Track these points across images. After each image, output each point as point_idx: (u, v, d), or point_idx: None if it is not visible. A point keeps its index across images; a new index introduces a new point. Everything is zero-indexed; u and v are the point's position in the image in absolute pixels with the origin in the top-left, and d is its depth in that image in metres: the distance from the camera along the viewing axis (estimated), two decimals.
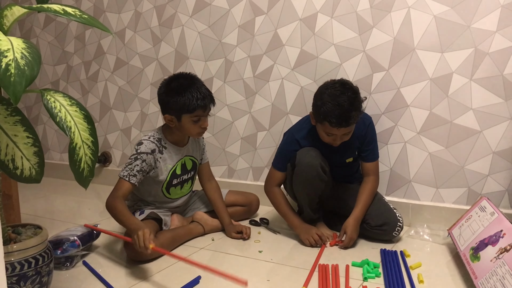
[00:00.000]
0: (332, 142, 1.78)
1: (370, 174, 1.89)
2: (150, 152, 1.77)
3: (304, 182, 1.81)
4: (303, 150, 1.82)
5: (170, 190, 1.88)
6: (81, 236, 1.72)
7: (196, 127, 1.78)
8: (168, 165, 1.83)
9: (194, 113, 1.75)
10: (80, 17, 1.13)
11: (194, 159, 1.95)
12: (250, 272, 1.60)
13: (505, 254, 1.31)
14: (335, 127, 1.70)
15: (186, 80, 1.78)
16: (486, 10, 1.81)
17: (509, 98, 1.81)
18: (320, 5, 2.12)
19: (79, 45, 2.91)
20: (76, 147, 1.16)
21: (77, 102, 1.19)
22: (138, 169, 1.74)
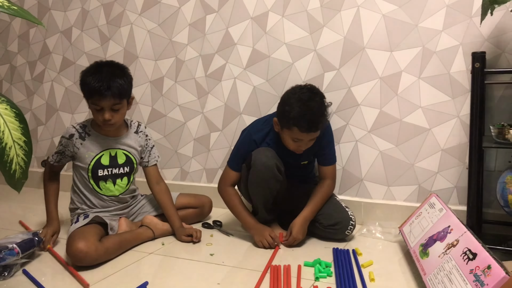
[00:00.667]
0: (296, 149, 1.76)
1: (326, 178, 1.88)
2: (67, 137, 1.81)
3: (260, 182, 1.78)
4: (259, 150, 1.79)
5: (100, 184, 1.82)
6: (21, 243, 1.62)
7: (98, 116, 1.74)
8: (90, 153, 1.81)
9: (91, 99, 1.72)
10: (8, 8, 1.05)
11: (130, 155, 1.87)
12: (200, 275, 1.55)
13: (452, 249, 1.32)
14: (305, 132, 1.68)
15: (108, 67, 1.74)
16: (432, 10, 1.84)
17: (456, 96, 1.85)
18: (271, 3, 2.10)
19: (23, 44, 2.79)
20: (6, 147, 1.08)
21: (8, 99, 1.12)
22: (57, 150, 1.84)
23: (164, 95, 2.40)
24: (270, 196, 1.82)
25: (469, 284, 1.15)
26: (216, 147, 2.32)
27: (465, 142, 1.84)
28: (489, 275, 1.10)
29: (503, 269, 1.08)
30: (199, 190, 2.29)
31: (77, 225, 1.70)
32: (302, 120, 1.66)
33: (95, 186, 1.82)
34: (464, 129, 1.84)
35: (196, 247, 1.81)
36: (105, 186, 1.83)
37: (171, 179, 2.45)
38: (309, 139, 1.73)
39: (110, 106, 1.72)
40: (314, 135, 1.72)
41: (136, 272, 1.58)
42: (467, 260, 1.22)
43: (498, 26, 1.75)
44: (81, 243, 1.57)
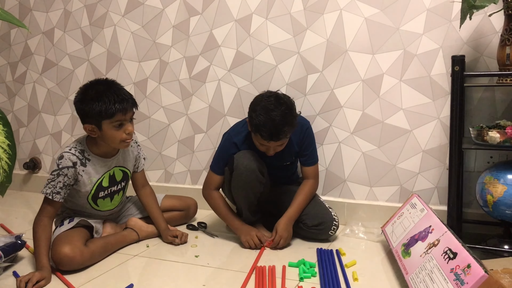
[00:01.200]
0: (266, 152, 1.78)
1: (309, 178, 1.90)
2: (71, 166, 1.66)
3: (243, 185, 1.79)
4: (240, 153, 1.80)
5: (97, 202, 1.79)
6: (4, 247, 1.61)
7: (119, 133, 1.65)
8: (92, 178, 1.72)
9: (114, 118, 1.62)
10: None
11: (125, 170, 1.85)
12: (185, 277, 1.56)
13: (433, 248, 1.35)
14: (266, 140, 1.70)
15: (102, 86, 1.66)
16: (413, 13, 1.87)
17: (437, 98, 1.88)
18: (254, 6, 2.12)
19: (4, 45, 2.75)
20: None
21: None
22: (61, 185, 1.64)
23: (148, 97, 2.40)
24: (254, 198, 1.83)
25: (449, 283, 1.17)
26: (201, 149, 2.33)
27: (445, 144, 1.88)
28: (469, 274, 1.13)
29: (483, 268, 1.11)
30: (183, 191, 2.29)
31: (62, 229, 1.69)
32: (264, 129, 1.67)
33: (93, 204, 1.78)
34: (444, 131, 1.88)
35: (181, 249, 1.81)
36: (103, 202, 1.81)
37: (155, 180, 2.44)
38: (274, 145, 1.74)
39: (130, 117, 1.69)
40: (278, 142, 1.72)
41: (121, 274, 1.58)
42: (448, 259, 1.24)
43: (477, 30, 1.79)
44: (66, 248, 1.57)
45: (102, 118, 1.62)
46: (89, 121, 1.65)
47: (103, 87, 1.65)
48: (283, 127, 1.68)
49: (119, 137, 1.66)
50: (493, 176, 1.60)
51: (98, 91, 1.63)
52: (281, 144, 1.75)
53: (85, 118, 1.66)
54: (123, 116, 1.65)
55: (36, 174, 2.75)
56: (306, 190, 1.87)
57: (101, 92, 1.62)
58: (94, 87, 1.65)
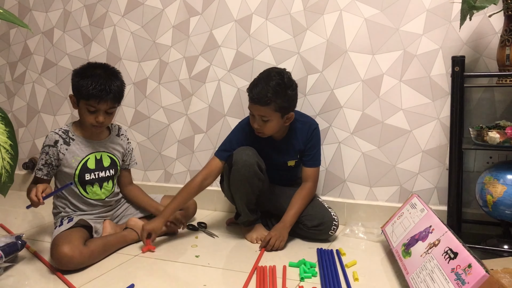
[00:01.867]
0: (254, 126, 1.80)
1: (308, 180, 1.90)
2: (52, 145, 1.75)
3: (241, 181, 1.79)
4: (240, 149, 1.81)
5: (86, 188, 1.81)
6: (4, 247, 1.61)
7: (90, 118, 1.74)
8: (76, 157, 1.78)
9: (88, 102, 1.71)
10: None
11: (114, 158, 1.89)
12: (186, 277, 1.56)
13: (434, 248, 1.35)
14: (250, 101, 1.75)
15: (102, 70, 1.75)
16: (413, 14, 1.88)
17: (436, 99, 1.89)
18: (254, 6, 2.12)
19: (4, 45, 2.75)
20: None
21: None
22: (43, 162, 1.76)
23: (148, 97, 2.40)
24: (253, 195, 1.83)
25: (450, 282, 1.18)
26: (200, 149, 2.33)
27: (445, 144, 1.88)
28: (470, 274, 1.13)
29: (483, 268, 1.11)
30: None
31: (61, 228, 1.69)
32: (252, 90, 1.74)
33: (82, 190, 1.80)
34: (444, 131, 1.88)
35: (181, 249, 1.81)
36: (92, 190, 1.82)
37: (155, 181, 2.44)
38: (258, 113, 1.75)
39: (106, 109, 1.74)
40: (260, 109, 1.74)
41: (121, 274, 1.58)
42: (448, 259, 1.25)
43: (477, 30, 1.80)
44: (66, 247, 1.57)
45: (79, 95, 1.73)
46: (74, 93, 1.77)
47: (101, 71, 1.74)
48: (270, 92, 1.71)
49: (88, 120, 1.75)
50: (492, 176, 1.60)
51: (94, 72, 1.73)
52: (264, 115, 1.75)
53: (73, 88, 1.77)
54: (96, 104, 1.71)
55: None
56: (303, 194, 1.87)
57: (94, 74, 1.71)
58: (95, 67, 1.76)
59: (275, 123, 1.78)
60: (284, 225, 1.80)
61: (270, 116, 1.76)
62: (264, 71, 1.80)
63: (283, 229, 1.79)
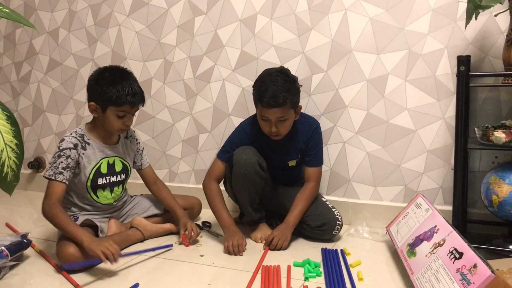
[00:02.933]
0: (269, 132, 1.78)
1: (310, 180, 1.89)
2: (73, 147, 1.71)
3: (243, 180, 1.79)
4: (239, 149, 1.81)
5: (97, 192, 1.80)
6: (10, 246, 1.61)
7: (119, 123, 1.73)
8: (91, 162, 1.77)
9: (121, 108, 1.70)
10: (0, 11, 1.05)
11: (125, 162, 1.88)
12: (191, 277, 1.56)
13: (439, 248, 1.35)
14: (265, 106, 1.72)
15: (120, 73, 1.74)
16: (418, 13, 1.87)
17: (441, 98, 1.88)
18: (259, 6, 2.12)
19: (9, 45, 2.76)
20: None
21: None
22: (63, 166, 1.68)
23: (153, 97, 2.40)
24: (255, 193, 1.83)
25: (456, 282, 1.17)
26: (205, 149, 2.33)
27: (450, 144, 1.88)
28: (475, 274, 1.13)
29: (489, 268, 1.11)
30: (187, 191, 2.29)
31: None
32: (264, 94, 1.71)
33: (92, 195, 1.80)
34: (449, 131, 1.88)
35: (186, 249, 1.81)
36: (103, 194, 1.82)
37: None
38: (275, 117, 1.74)
39: (134, 112, 1.76)
40: (277, 111, 1.73)
41: (126, 274, 1.58)
42: (454, 259, 1.24)
43: (482, 30, 1.79)
44: (71, 247, 1.57)
45: (110, 103, 1.70)
46: (97, 101, 1.72)
47: (120, 75, 1.73)
48: (282, 92, 1.71)
49: (117, 126, 1.74)
50: (498, 176, 1.60)
51: (114, 76, 1.71)
52: (282, 116, 1.75)
53: (94, 97, 1.73)
54: (129, 109, 1.73)
55: (40, 174, 2.76)
56: (306, 194, 1.86)
57: (117, 79, 1.70)
58: (112, 71, 1.75)
59: (291, 121, 1.80)
60: (287, 225, 1.80)
61: (287, 114, 1.76)
62: (264, 75, 1.79)
63: (286, 229, 1.79)
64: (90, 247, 1.52)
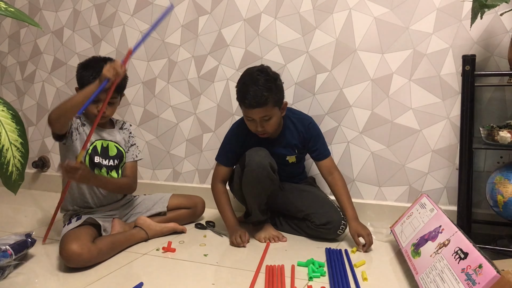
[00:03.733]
0: (256, 131, 1.79)
1: (331, 172, 1.89)
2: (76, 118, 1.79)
3: (254, 182, 1.78)
4: (252, 151, 1.80)
5: (95, 171, 1.81)
6: (14, 245, 1.61)
7: (92, 107, 1.75)
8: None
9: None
10: (5, 10, 1.06)
11: (120, 148, 1.92)
12: (195, 276, 1.56)
13: (444, 248, 1.34)
14: (248, 107, 1.73)
15: (102, 62, 1.74)
16: (423, 13, 1.87)
17: (446, 98, 1.87)
18: (263, 5, 2.12)
19: (14, 44, 2.77)
20: (3, 149, 1.08)
21: (4, 101, 1.12)
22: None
23: (157, 96, 2.41)
24: (264, 196, 1.83)
25: (461, 283, 1.17)
26: (209, 148, 2.33)
27: (454, 143, 1.87)
28: (481, 274, 1.12)
29: (494, 268, 1.10)
30: (191, 190, 2.30)
31: (69, 226, 1.70)
32: (247, 95, 1.72)
33: None
34: (454, 131, 1.87)
35: (190, 248, 1.81)
36: (100, 173, 1.83)
37: (163, 179, 2.45)
38: (259, 116, 1.75)
39: (109, 100, 1.74)
40: (260, 111, 1.73)
41: (130, 273, 1.58)
42: (459, 259, 1.24)
43: (487, 29, 1.78)
44: (74, 245, 1.57)
45: (82, 85, 1.74)
46: (79, 86, 1.81)
47: (100, 63, 1.75)
48: (263, 91, 1.71)
49: (90, 110, 1.76)
50: (503, 176, 1.59)
51: (97, 64, 1.76)
52: (265, 115, 1.75)
53: (78, 82, 1.83)
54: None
55: (44, 173, 2.76)
56: (339, 185, 1.86)
57: (97, 66, 1.75)
58: (99, 60, 1.81)
59: (275, 118, 1.79)
60: (355, 218, 1.79)
61: (270, 113, 1.76)
62: (245, 75, 1.79)
63: (358, 224, 1.78)
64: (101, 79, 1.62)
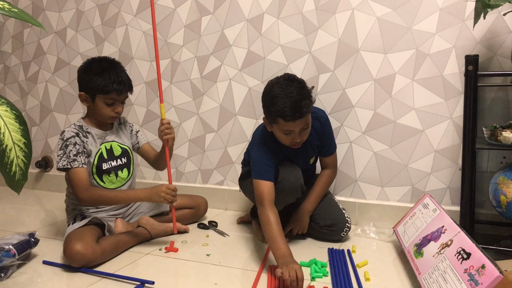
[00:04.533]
0: (292, 143, 1.68)
1: (328, 167, 1.90)
2: (74, 135, 1.77)
3: (282, 199, 1.74)
4: (287, 168, 1.74)
5: (103, 177, 1.84)
6: (17, 244, 1.62)
7: (108, 110, 1.80)
8: (94, 148, 1.83)
9: (108, 95, 1.77)
10: (9, 10, 1.06)
11: (124, 146, 1.93)
12: (197, 276, 1.56)
13: (446, 249, 1.34)
14: (290, 121, 1.60)
15: (108, 63, 1.81)
16: (426, 13, 1.86)
17: (449, 98, 1.87)
18: (266, 5, 2.12)
19: (17, 44, 2.78)
20: (6, 149, 1.09)
21: (8, 101, 1.12)
22: (74, 153, 1.74)
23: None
24: (283, 206, 1.80)
25: (463, 283, 1.17)
26: (211, 148, 2.33)
27: (457, 144, 1.87)
28: (483, 275, 1.12)
29: (497, 269, 1.10)
30: (194, 190, 2.30)
31: (74, 226, 1.71)
32: (286, 109, 1.59)
33: (98, 180, 1.83)
34: (457, 131, 1.87)
35: (192, 248, 1.82)
36: (108, 179, 1.85)
37: (166, 179, 2.45)
38: (299, 127, 1.65)
39: (123, 100, 1.82)
40: (302, 122, 1.63)
41: (133, 273, 1.58)
42: (461, 259, 1.24)
43: (491, 29, 1.78)
44: (78, 245, 1.58)
45: (98, 92, 1.77)
46: (86, 91, 1.80)
47: (108, 65, 1.80)
48: (303, 100, 1.61)
49: (107, 113, 1.81)
50: (506, 177, 1.59)
51: (102, 67, 1.79)
52: (306, 124, 1.66)
53: (83, 87, 1.81)
54: (116, 96, 1.79)
55: (48, 173, 2.77)
56: (323, 180, 1.87)
57: (105, 69, 1.77)
58: (100, 62, 1.82)
59: (310, 125, 1.72)
60: (304, 211, 1.82)
61: (308, 120, 1.68)
62: (273, 88, 1.65)
63: (303, 217, 1.81)
64: (152, 199, 1.77)
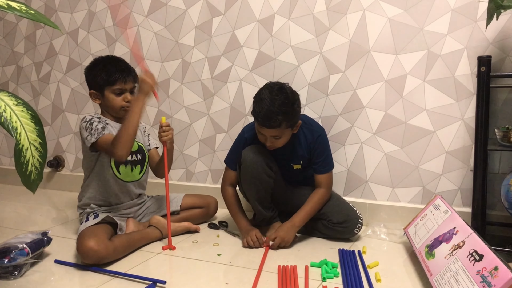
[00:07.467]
0: (265, 143, 1.79)
1: (320, 186, 1.88)
2: (96, 118, 1.83)
3: (251, 178, 1.81)
4: (247, 148, 1.83)
5: (120, 168, 1.86)
6: (31, 243, 1.64)
7: (119, 100, 1.83)
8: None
9: (115, 85, 1.81)
10: (26, 12, 1.07)
11: (140, 143, 1.96)
12: (208, 275, 1.57)
13: (458, 250, 1.34)
14: (260, 125, 1.73)
15: (109, 59, 1.88)
16: (438, 14, 1.86)
17: (461, 99, 1.86)
18: (277, 6, 2.12)
19: (30, 45, 2.80)
20: (22, 148, 1.10)
21: (24, 101, 1.14)
22: (100, 126, 1.78)
23: (171, 97, 2.42)
24: (264, 192, 1.84)
25: (476, 285, 1.17)
26: (222, 148, 2.34)
27: (469, 145, 1.86)
28: (497, 276, 1.12)
29: (511, 271, 1.10)
30: (204, 190, 2.31)
31: (87, 224, 1.72)
32: (259, 113, 1.70)
33: (115, 170, 1.86)
34: (468, 132, 1.86)
35: (203, 247, 1.83)
36: (125, 170, 1.88)
37: (176, 179, 2.47)
38: (270, 135, 1.74)
39: (131, 88, 1.85)
40: (272, 132, 1.73)
41: (144, 272, 1.59)
42: (474, 261, 1.23)
43: (503, 30, 1.77)
44: (91, 241, 1.60)
45: (104, 84, 1.82)
46: (94, 88, 1.86)
47: (109, 60, 1.88)
48: (277, 114, 1.68)
49: (119, 104, 1.84)
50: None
51: (104, 62, 1.86)
52: (276, 135, 1.74)
53: (91, 85, 1.87)
54: (123, 85, 1.83)
55: (59, 172, 2.80)
56: (315, 199, 1.85)
57: (106, 63, 1.85)
58: (102, 59, 1.89)
59: (286, 138, 1.79)
60: (292, 224, 1.80)
61: (282, 134, 1.75)
62: (264, 91, 1.74)
63: (291, 229, 1.79)
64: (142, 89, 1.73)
